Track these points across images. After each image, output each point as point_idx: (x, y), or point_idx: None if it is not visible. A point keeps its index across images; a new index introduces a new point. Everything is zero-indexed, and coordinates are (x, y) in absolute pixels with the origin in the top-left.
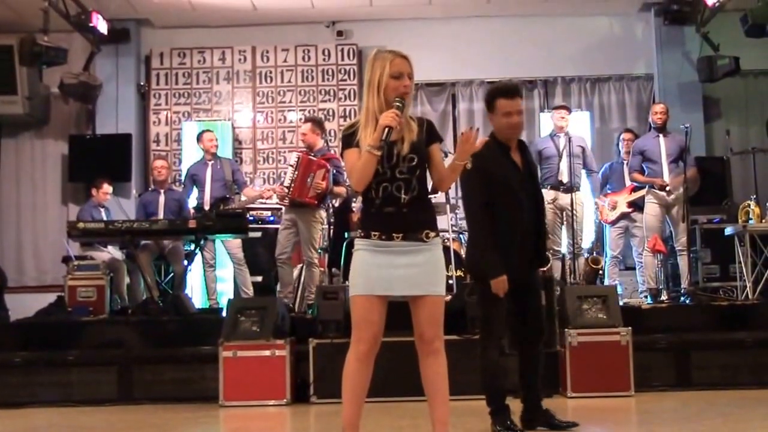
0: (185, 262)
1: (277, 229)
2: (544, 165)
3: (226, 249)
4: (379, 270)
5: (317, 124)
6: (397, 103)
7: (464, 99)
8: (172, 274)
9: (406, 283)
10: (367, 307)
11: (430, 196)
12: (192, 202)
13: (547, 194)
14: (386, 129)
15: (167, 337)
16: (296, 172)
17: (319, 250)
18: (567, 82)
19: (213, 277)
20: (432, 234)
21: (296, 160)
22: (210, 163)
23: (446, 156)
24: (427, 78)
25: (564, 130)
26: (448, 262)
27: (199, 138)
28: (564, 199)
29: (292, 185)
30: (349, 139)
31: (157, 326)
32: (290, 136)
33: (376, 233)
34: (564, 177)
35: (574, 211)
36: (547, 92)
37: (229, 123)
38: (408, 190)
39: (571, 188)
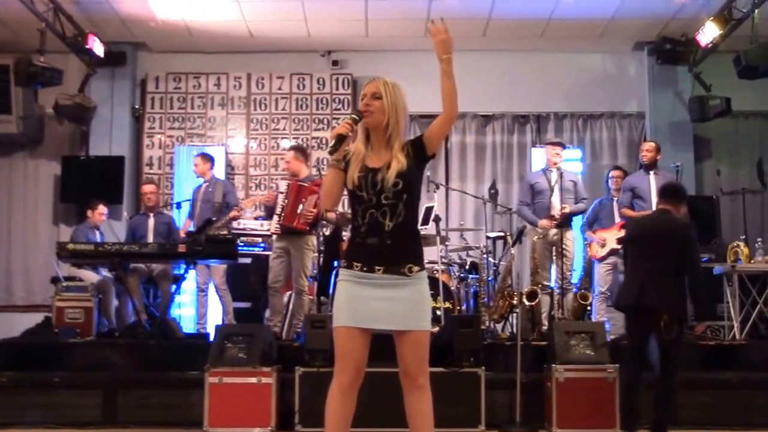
0: (174, 286)
1: (267, 255)
2: (536, 199)
3: (210, 273)
4: (360, 302)
5: (300, 151)
6: (353, 115)
7: (457, 132)
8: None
9: (389, 318)
10: (348, 339)
11: (421, 227)
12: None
13: (539, 229)
14: (337, 136)
15: (154, 361)
16: (287, 200)
17: (308, 278)
18: (559, 118)
19: (204, 302)
20: (415, 268)
21: (286, 187)
22: (204, 185)
23: (438, 188)
24: (420, 110)
25: (557, 165)
26: (436, 294)
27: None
28: (557, 234)
29: (284, 212)
30: None
31: (143, 350)
32: (283, 163)
33: (358, 264)
34: (555, 212)
35: (564, 246)
36: (539, 127)
37: (223, 148)
38: (393, 216)
39: (563, 223)
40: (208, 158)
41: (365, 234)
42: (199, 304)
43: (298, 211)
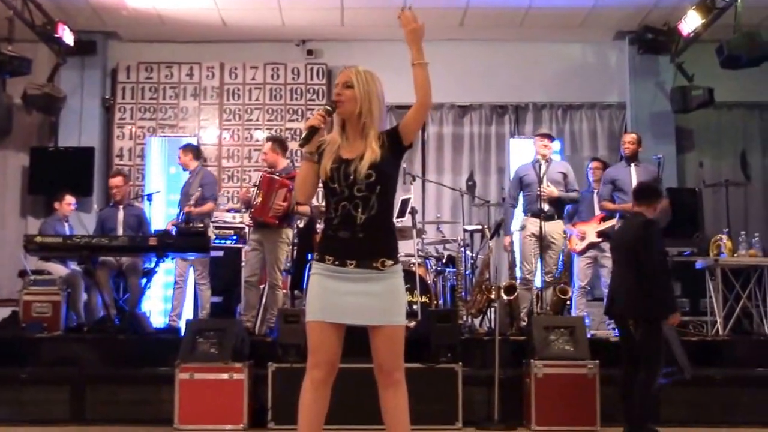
0: (144, 280)
1: (239, 248)
2: (525, 192)
3: (192, 265)
4: (332, 296)
5: (278, 143)
6: (327, 106)
7: (434, 123)
8: None
9: (362, 313)
10: (321, 334)
11: (397, 220)
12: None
13: (527, 222)
14: (309, 128)
15: (123, 356)
16: (259, 192)
17: (282, 272)
18: (538, 109)
19: (179, 296)
20: (389, 262)
21: (259, 179)
22: (188, 177)
23: (414, 180)
24: (396, 101)
25: (546, 158)
26: (413, 288)
27: None
28: (544, 227)
29: (255, 204)
30: None
31: (113, 345)
32: (256, 154)
33: (330, 258)
34: (545, 204)
35: (552, 239)
36: (518, 118)
37: (195, 140)
38: (366, 209)
39: (551, 216)
40: (189, 149)
41: (337, 227)
42: (174, 297)
43: (269, 204)
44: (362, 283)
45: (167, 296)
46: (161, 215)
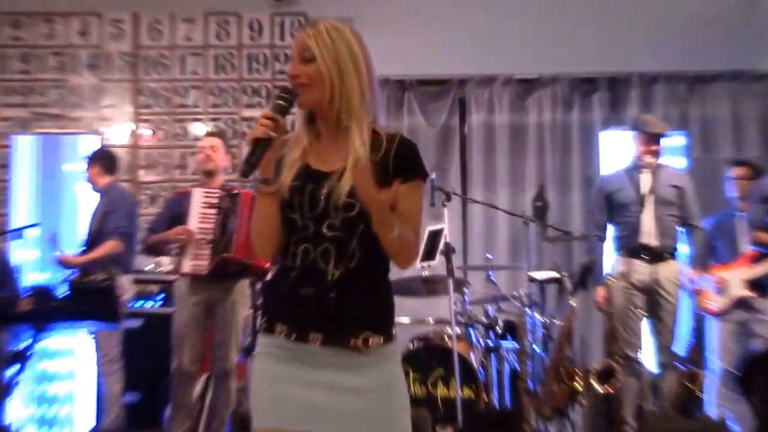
0: (11, 370)
1: (168, 315)
2: (618, 217)
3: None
4: (288, 389)
5: (226, 141)
6: (278, 101)
7: (480, 107)
8: None
9: (337, 419)
10: None
11: (424, 264)
12: None
13: (622, 265)
14: (253, 143)
15: None
16: (233, 218)
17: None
18: (647, 83)
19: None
20: (375, 339)
21: (217, 199)
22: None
23: (449, 199)
24: (418, 73)
25: (654, 165)
26: (449, 375)
27: None
28: (649, 273)
29: (227, 239)
30: None
31: None
32: (195, 158)
33: (283, 327)
34: (650, 238)
35: (664, 294)
36: (613, 98)
37: (96, 138)
38: (341, 258)
39: (660, 256)
40: (96, 158)
41: (298, 279)
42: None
43: None
44: (334, 371)
45: (50, 395)
46: (38, 263)
